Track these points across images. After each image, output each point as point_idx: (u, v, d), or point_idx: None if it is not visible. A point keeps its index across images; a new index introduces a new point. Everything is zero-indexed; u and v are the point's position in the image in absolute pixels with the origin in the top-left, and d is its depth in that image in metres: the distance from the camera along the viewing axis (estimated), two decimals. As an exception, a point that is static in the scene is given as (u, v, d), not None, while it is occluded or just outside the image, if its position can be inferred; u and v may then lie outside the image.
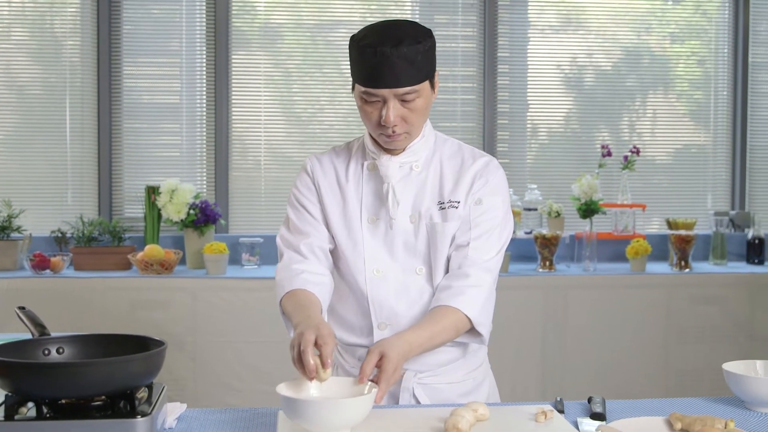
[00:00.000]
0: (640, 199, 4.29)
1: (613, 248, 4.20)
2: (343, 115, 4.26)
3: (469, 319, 1.77)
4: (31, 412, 1.47)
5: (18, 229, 3.82)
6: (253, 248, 3.93)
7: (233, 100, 4.19)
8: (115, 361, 1.46)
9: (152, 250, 3.69)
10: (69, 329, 3.25)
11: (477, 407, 1.60)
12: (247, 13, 4.23)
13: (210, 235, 3.88)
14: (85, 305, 3.57)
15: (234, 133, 4.20)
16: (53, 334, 1.65)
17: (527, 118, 4.38)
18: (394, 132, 1.77)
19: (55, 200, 4.12)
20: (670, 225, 4.22)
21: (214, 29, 4.15)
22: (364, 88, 1.74)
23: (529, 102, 4.38)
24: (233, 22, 4.18)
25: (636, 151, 4.12)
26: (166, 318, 3.59)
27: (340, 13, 4.26)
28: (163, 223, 3.95)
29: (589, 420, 1.65)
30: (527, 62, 4.37)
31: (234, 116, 4.19)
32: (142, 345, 1.60)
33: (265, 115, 4.23)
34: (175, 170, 4.16)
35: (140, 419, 1.44)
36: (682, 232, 3.99)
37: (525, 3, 4.35)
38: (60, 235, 3.93)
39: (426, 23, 2.51)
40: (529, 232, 4.06)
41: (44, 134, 4.11)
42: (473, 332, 1.81)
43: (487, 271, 1.82)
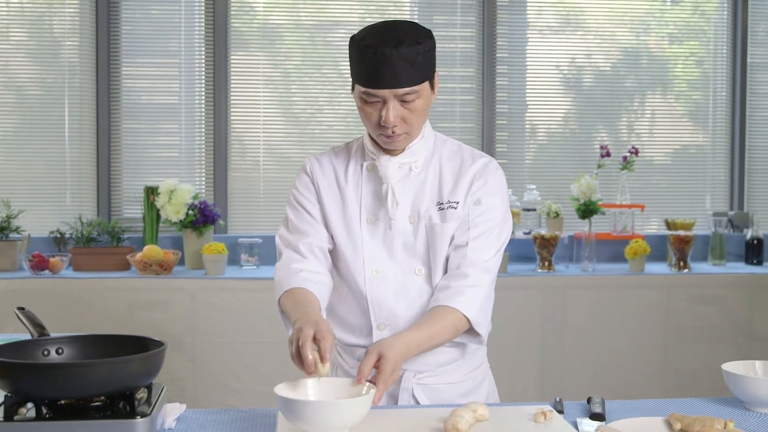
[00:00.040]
0: (639, 200, 4.29)
1: (612, 249, 4.20)
2: (342, 115, 4.26)
3: (468, 320, 1.77)
4: (31, 413, 1.47)
5: (17, 230, 3.82)
6: (252, 249, 3.93)
7: (232, 101, 4.18)
8: (115, 362, 1.46)
9: (151, 250, 3.69)
10: (67, 330, 3.25)
11: (476, 407, 1.60)
12: (246, 14, 4.23)
13: (209, 236, 3.88)
14: (84, 306, 3.56)
15: (233, 133, 4.20)
16: (52, 334, 1.65)
17: (526, 118, 4.38)
18: (393, 132, 1.77)
19: (54, 201, 4.12)
20: (669, 225, 4.22)
21: (212, 30, 4.15)
22: (364, 89, 1.74)
23: (527, 102, 4.38)
24: (232, 23, 4.18)
25: (635, 152, 4.11)
26: (165, 318, 3.59)
27: (339, 13, 4.26)
28: (161, 224, 3.95)
29: (588, 420, 1.65)
30: (526, 63, 4.38)
31: (233, 116, 4.19)
32: (142, 345, 1.60)
33: (264, 115, 4.23)
34: (173, 171, 4.15)
35: (140, 420, 1.44)
36: (681, 233, 3.99)
37: (524, 4, 4.35)
38: (59, 235, 3.93)
39: (425, 24, 2.51)
40: (528, 233, 4.06)
41: (43, 135, 4.11)
42: (472, 332, 1.81)
43: (486, 271, 1.82)
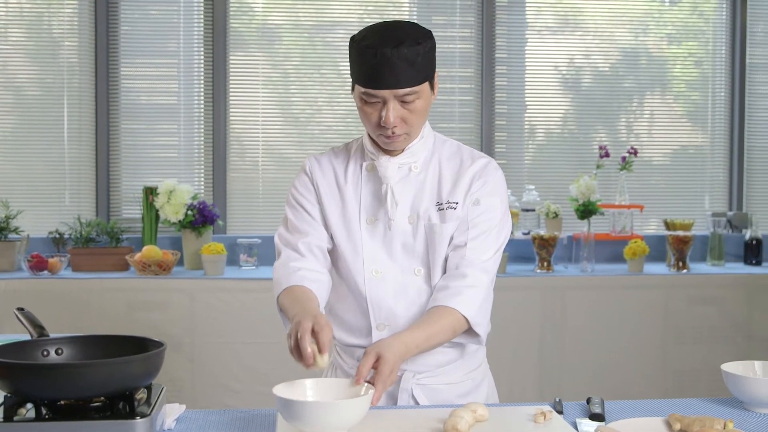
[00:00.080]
0: (638, 200, 4.30)
1: (611, 249, 4.20)
2: (342, 115, 4.25)
3: (467, 320, 1.77)
4: (30, 413, 1.47)
5: (16, 230, 3.81)
6: (251, 249, 3.93)
7: (231, 101, 4.18)
8: (115, 362, 1.46)
9: (150, 251, 3.69)
10: (66, 330, 3.25)
11: (476, 408, 1.60)
12: (245, 14, 4.23)
13: (208, 236, 3.88)
14: (83, 306, 3.56)
15: (232, 133, 4.20)
16: (52, 335, 1.64)
17: (525, 119, 4.38)
18: (393, 133, 1.77)
19: (53, 201, 4.11)
20: (668, 226, 4.22)
21: (211, 30, 4.14)
22: (364, 89, 1.74)
23: (526, 103, 4.38)
24: (231, 23, 4.18)
25: (634, 152, 4.11)
26: (164, 319, 3.59)
27: (338, 13, 4.26)
28: (160, 224, 3.95)
29: (588, 421, 1.65)
30: (525, 63, 4.38)
31: (232, 117, 4.19)
32: (141, 346, 1.60)
33: (263, 115, 4.23)
34: (172, 171, 4.15)
35: (139, 420, 1.44)
36: (680, 233, 3.99)
37: (523, 4, 4.35)
38: (58, 236, 3.93)
39: (424, 24, 2.51)
40: (527, 233, 4.06)
41: (42, 135, 4.11)
42: (471, 332, 1.81)
43: (485, 271, 1.82)
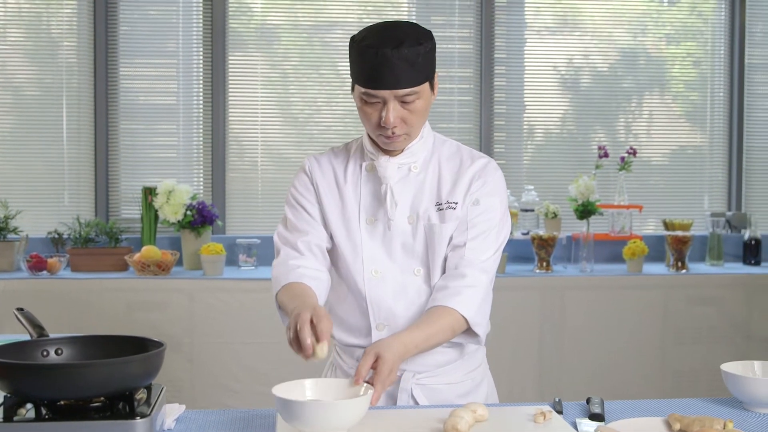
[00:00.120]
0: (637, 200, 4.30)
1: (610, 249, 4.20)
2: (341, 116, 4.26)
3: (466, 320, 1.77)
4: (30, 414, 1.47)
5: (15, 230, 3.81)
6: (250, 249, 3.93)
7: (230, 101, 4.18)
8: (114, 363, 1.46)
9: (149, 251, 3.69)
10: (65, 330, 3.25)
11: (476, 408, 1.60)
12: (244, 14, 4.23)
13: (207, 236, 3.87)
14: (82, 306, 3.56)
15: (231, 134, 4.20)
16: (51, 335, 1.64)
17: (524, 119, 4.38)
18: (393, 133, 1.77)
19: (52, 201, 4.11)
20: (667, 226, 4.23)
21: (210, 30, 4.14)
22: (364, 89, 1.74)
23: (525, 103, 4.38)
24: (230, 23, 4.18)
25: (632, 152, 4.12)
26: (163, 319, 3.58)
27: (337, 14, 4.26)
28: (160, 224, 3.95)
29: (587, 421, 1.65)
30: (524, 63, 4.38)
31: (231, 117, 4.19)
32: (141, 346, 1.60)
33: (262, 116, 4.23)
34: (172, 171, 4.15)
35: (139, 420, 1.44)
36: (679, 233, 4.00)
37: (522, 4, 4.35)
38: (57, 236, 3.93)
39: (423, 24, 2.51)
40: (526, 233, 4.06)
41: (41, 135, 4.11)
42: (470, 332, 1.81)
43: (484, 271, 1.82)
